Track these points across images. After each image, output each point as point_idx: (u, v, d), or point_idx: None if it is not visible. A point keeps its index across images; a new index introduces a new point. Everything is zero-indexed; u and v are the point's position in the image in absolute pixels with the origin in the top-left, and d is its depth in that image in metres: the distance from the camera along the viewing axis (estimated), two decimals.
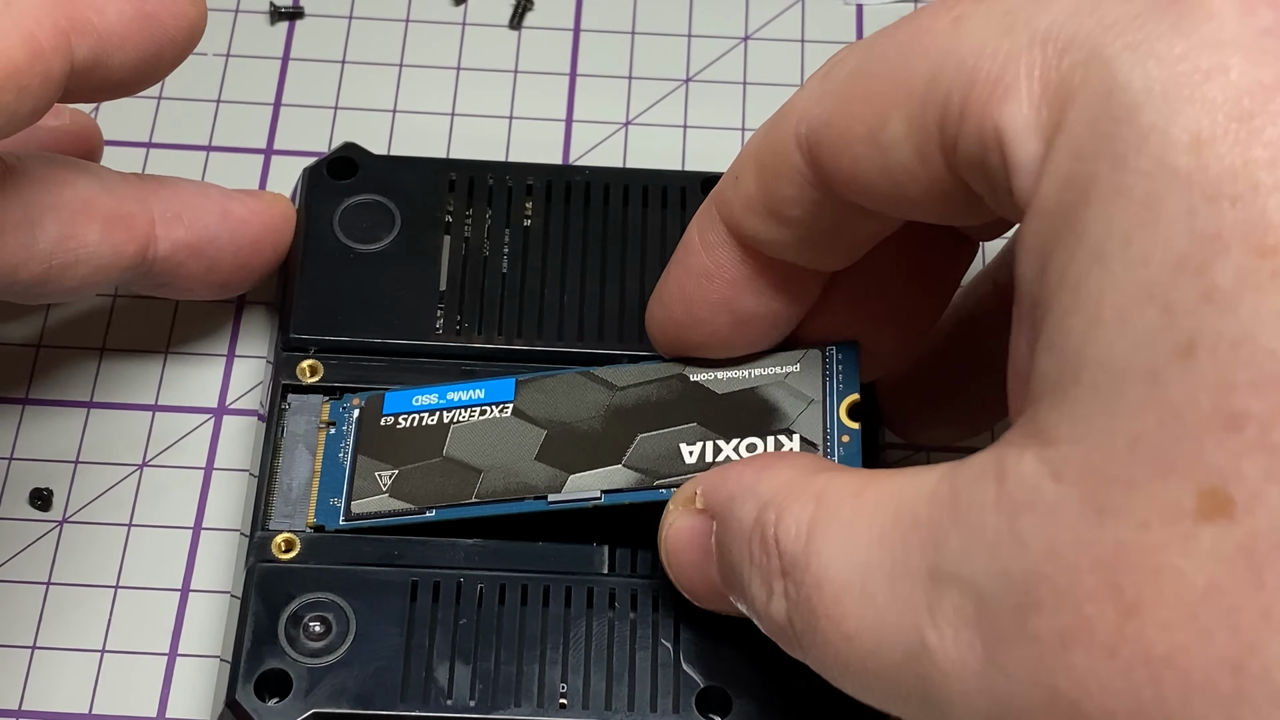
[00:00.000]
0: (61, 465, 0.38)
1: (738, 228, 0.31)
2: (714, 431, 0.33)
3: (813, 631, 0.27)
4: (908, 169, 0.27)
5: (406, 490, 0.34)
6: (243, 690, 0.32)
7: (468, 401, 0.35)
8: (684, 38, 0.45)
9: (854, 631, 0.26)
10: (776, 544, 0.27)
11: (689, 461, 0.33)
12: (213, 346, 0.39)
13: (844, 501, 0.27)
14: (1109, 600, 0.22)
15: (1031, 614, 0.23)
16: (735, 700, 0.32)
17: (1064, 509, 0.23)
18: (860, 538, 0.26)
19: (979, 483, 0.24)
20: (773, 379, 0.34)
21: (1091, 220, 0.23)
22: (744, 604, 0.29)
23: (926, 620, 0.24)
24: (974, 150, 0.25)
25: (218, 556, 0.37)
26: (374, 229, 0.38)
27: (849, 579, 0.26)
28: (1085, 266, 0.23)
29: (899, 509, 0.26)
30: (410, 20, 0.45)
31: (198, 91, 0.43)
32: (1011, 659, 0.23)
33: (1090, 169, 0.23)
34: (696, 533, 0.31)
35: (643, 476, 0.33)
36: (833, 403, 0.33)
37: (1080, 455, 0.23)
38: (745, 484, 0.29)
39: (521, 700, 0.32)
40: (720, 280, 0.32)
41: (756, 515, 0.28)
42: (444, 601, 0.33)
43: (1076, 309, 0.23)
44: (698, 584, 0.31)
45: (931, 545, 0.25)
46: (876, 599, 0.25)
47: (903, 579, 0.25)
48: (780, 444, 0.33)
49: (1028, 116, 0.24)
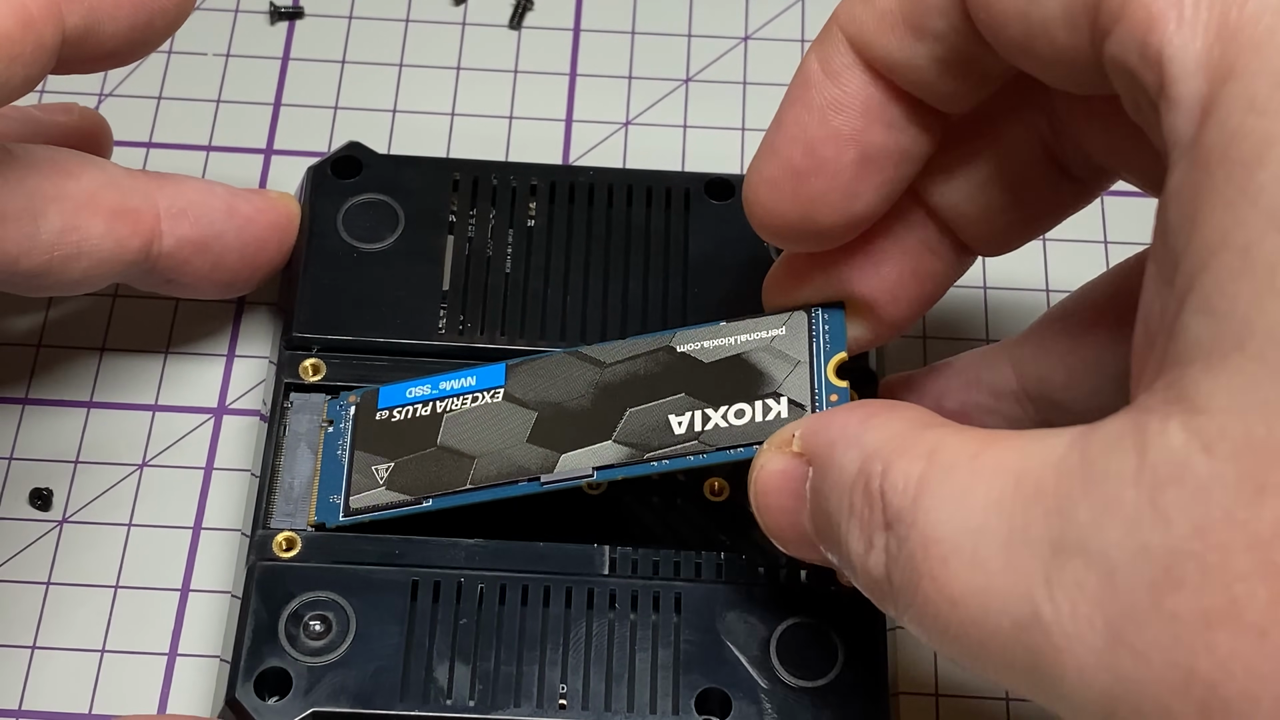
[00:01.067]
0: (61, 465, 0.38)
1: (869, 48, 0.29)
2: (702, 400, 0.33)
3: (913, 590, 0.26)
4: (1048, 27, 0.25)
5: (403, 481, 0.34)
6: (242, 688, 0.32)
7: (459, 390, 0.35)
8: (684, 38, 0.45)
9: (959, 595, 0.25)
10: (882, 496, 0.27)
11: (678, 432, 0.33)
12: (213, 346, 0.39)
13: (959, 462, 0.26)
14: (1262, 581, 0.21)
15: (1171, 592, 0.22)
16: (735, 701, 0.32)
17: (1217, 484, 0.22)
18: (976, 501, 0.25)
19: (1115, 452, 0.23)
20: (759, 343, 0.34)
21: (1270, 182, 0.22)
22: (836, 554, 0.28)
23: (1043, 592, 0.24)
24: (1128, 56, 0.24)
25: (218, 556, 0.37)
26: (378, 228, 0.38)
27: (959, 542, 0.25)
28: (1259, 231, 0.22)
29: (1021, 475, 0.25)
30: (410, 20, 0.45)
31: (198, 91, 0.43)
32: (1142, 637, 0.22)
33: (1271, 127, 0.22)
34: (791, 477, 0.30)
35: (633, 450, 0.33)
36: (820, 362, 0.33)
37: (1239, 428, 0.22)
38: (849, 431, 0.28)
39: (521, 700, 0.32)
40: (849, 109, 0.30)
41: (860, 465, 0.27)
42: (444, 601, 0.33)
43: (1246, 273, 0.22)
44: (786, 530, 0.30)
45: (1057, 515, 0.24)
46: (988, 565, 0.24)
47: (1020, 547, 0.24)
48: (768, 408, 0.33)
49: (1198, 51, 0.23)
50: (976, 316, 0.40)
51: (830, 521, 0.28)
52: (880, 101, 0.29)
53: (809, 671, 0.33)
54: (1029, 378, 0.34)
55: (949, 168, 0.31)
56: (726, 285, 0.37)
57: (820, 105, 0.30)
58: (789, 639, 0.33)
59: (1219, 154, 0.22)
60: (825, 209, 0.30)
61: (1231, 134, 0.22)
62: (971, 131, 0.31)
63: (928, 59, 0.29)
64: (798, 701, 0.32)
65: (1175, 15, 0.23)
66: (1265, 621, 0.21)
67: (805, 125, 0.30)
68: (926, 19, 0.28)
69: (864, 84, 0.29)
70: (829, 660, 0.33)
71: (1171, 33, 0.23)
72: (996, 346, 0.35)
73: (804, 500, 0.29)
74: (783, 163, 0.30)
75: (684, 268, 0.38)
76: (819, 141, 0.30)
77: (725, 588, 0.34)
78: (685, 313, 0.37)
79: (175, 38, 0.44)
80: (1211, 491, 0.22)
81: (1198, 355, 0.23)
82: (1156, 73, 0.23)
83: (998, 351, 0.35)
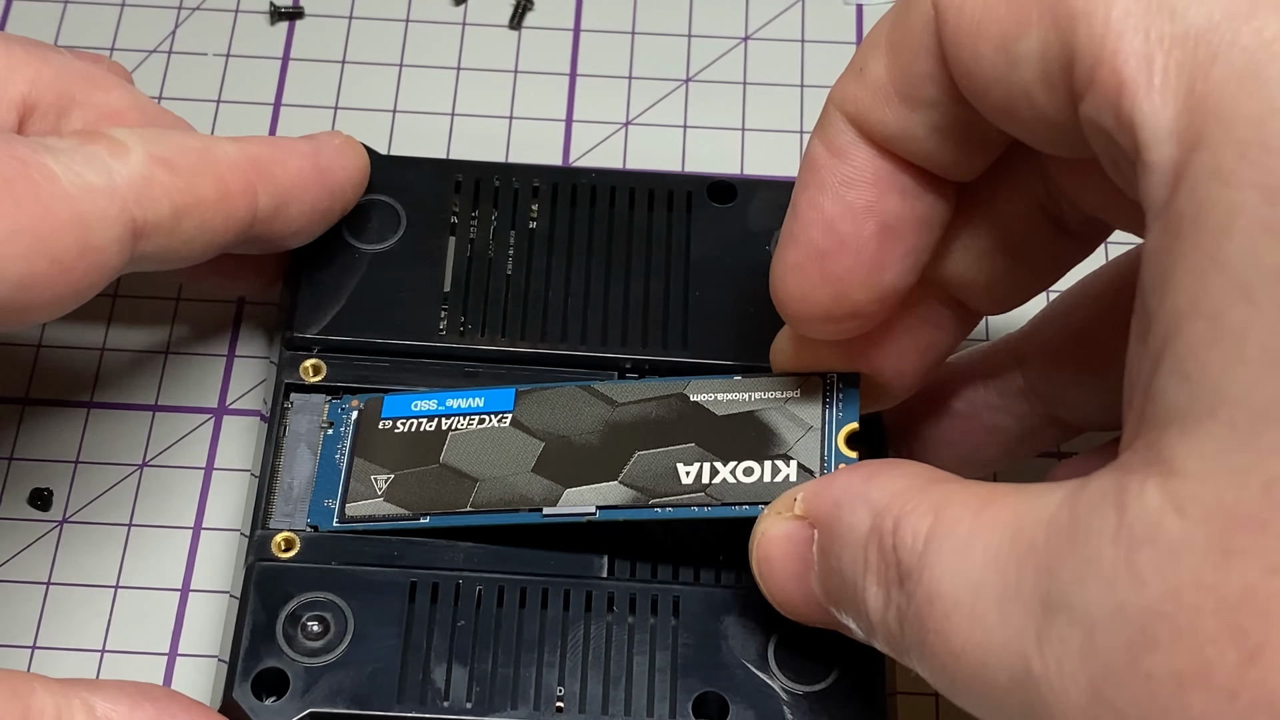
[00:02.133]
0: (61, 465, 0.38)
1: (866, 123, 0.29)
2: (711, 453, 0.33)
3: (921, 643, 0.26)
4: (1027, 90, 0.26)
5: (401, 495, 0.34)
6: (240, 688, 0.32)
7: (466, 410, 0.35)
8: (684, 38, 0.45)
9: (960, 649, 0.25)
10: (897, 553, 0.27)
11: (685, 482, 0.33)
12: (213, 346, 0.40)
13: (963, 518, 0.26)
14: (1231, 643, 0.22)
15: (1146, 652, 0.23)
16: (732, 705, 0.32)
17: (1188, 547, 0.22)
18: (975, 557, 0.26)
19: (1098, 511, 0.24)
20: (772, 403, 0.34)
21: (1236, 253, 0.22)
22: (850, 613, 0.29)
23: (1034, 648, 0.24)
24: (1102, 120, 0.24)
25: (217, 556, 0.37)
26: (380, 229, 0.38)
27: (960, 597, 0.26)
28: (1228, 300, 0.22)
29: (1017, 532, 0.25)
30: (410, 20, 0.45)
31: (198, 91, 0.43)
32: (1121, 696, 0.23)
33: (1236, 197, 0.22)
34: (795, 540, 0.30)
35: (638, 494, 0.33)
36: (831, 431, 0.33)
37: (1210, 493, 0.22)
38: (854, 490, 0.29)
39: (518, 703, 0.32)
40: (861, 183, 0.30)
41: (873, 522, 0.28)
42: (442, 603, 0.33)
43: (1216, 341, 0.22)
44: (793, 594, 0.30)
45: (1045, 573, 0.24)
46: (986, 620, 0.25)
47: (1014, 603, 0.25)
48: (777, 469, 0.33)
49: (1169, 119, 0.23)
50: None
51: (843, 581, 0.28)
52: (890, 172, 0.29)
53: (807, 676, 0.33)
54: (1035, 375, 0.35)
55: (949, 240, 0.31)
56: (728, 288, 0.37)
57: (832, 184, 0.30)
58: (787, 643, 0.33)
59: (1189, 221, 0.23)
60: (854, 285, 0.30)
61: (1200, 202, 0.23)
62: (968, 202, 0.31)
63: (925, 128, 0.29)
64: (795, 706, 0.32)
65: (1145, 81, 0.23)
66: (1234, 684, 0.22)
67: (821, 206, 0.30)
68: (917, 88, 0.28)
69: (870, 157, 0.29)
70: (827, 665, 0.33)
71: (1142, 99, 0.23)
72: (1000, 344, 0.36)
73: (810, 564, 0.30)
74: (804, 247, 0.30)
75: (685, 270, 0.38)
76: (837, 219, 0.30)
77: (724, 591, 0.34)
78: (686, 316, 0.37)
79: (175, 37, 0.44)
80: (1183, 554, 0.23)
81: (1174, 419, 0.23)
82: (1130, 137, 0.24)
83: (1002, 350, 0.35)
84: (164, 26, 0.45)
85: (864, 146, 0.29)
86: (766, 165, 0.43)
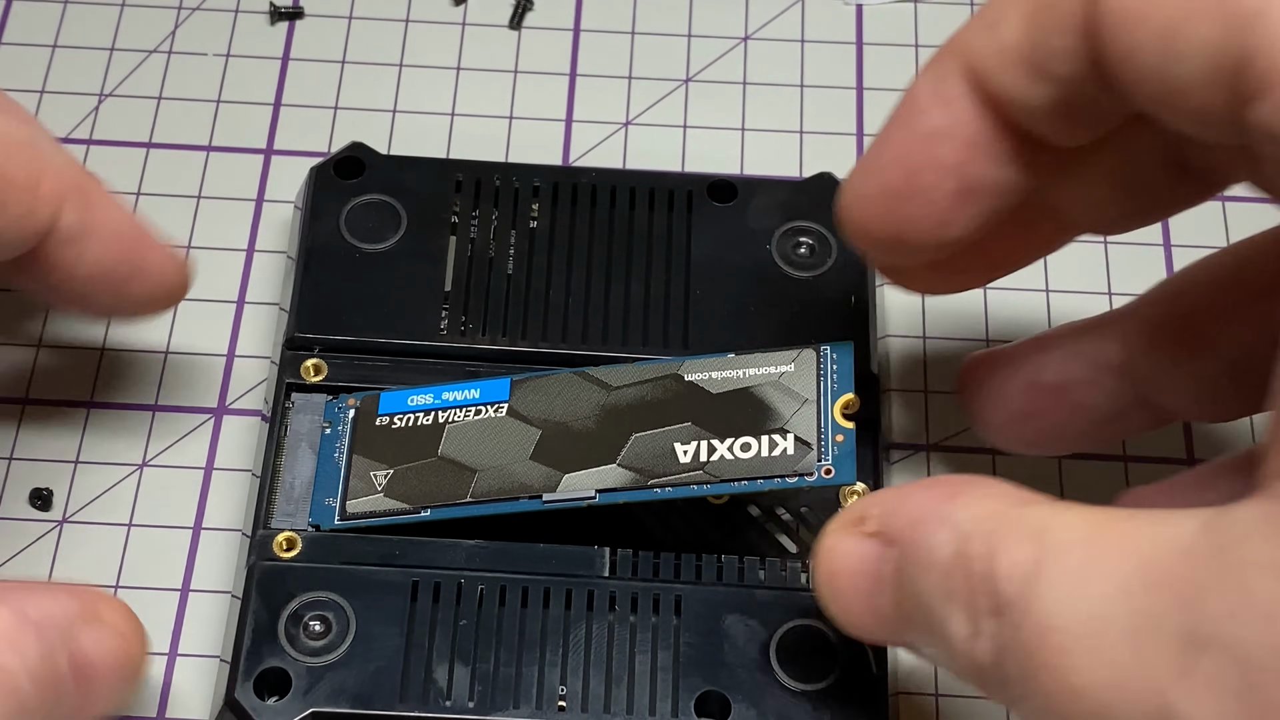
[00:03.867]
0: (61, 465, 0.38)
1: (985, 82, 0.28)
2: (708, 431, 0.34)
3: (1029, 680, 0.24)
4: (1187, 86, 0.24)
5: (401, 490, 0.34)
6: (242, 688, 0.32)
7: (463, 401, 0.35)
8: (684, 38, 0.45)
9: (1083, 687, 0.24)
10: (989, 581, 0.25)
11: (683, 461, 0.33)
12: (213, 346, 0.39)
13: (1074, 545, 0.25)
14: None
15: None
16: (734, 704, 0.32)
17: None
18: (1095, 588, 0.24)
19: (1251, 541, 0.22)
20: (767, 378, 0.34)
21: None
22: (928, 639, 0.27)
23: (1176, 685, 0.23)
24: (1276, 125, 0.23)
25: (218, 556, 0.37)
26: (380, 229, 0.38)
27: (1079, 631, 0.24)
28: None
29: (1147, 561, 0.24)
30: (410, 20, 0.45)
31: (198, 91, 0.43)
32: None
33: None
34: (867, 559, 0.28)
35: (637, 476, 0.33)
36: (827, 402, 0.33)
37: None
38: (934, 510, 0.27)
39: (520, 702, 0.32)
40: (955, 140, 0.28)
41: (957, 546, 0.26)
42: (444, 602, 0.33)
43: None
44: (863, 614, 0.29)
45: (1188, 605, 0.23)
46: (1114, 656, 0.23)
47: (1148, 638, 0.23)
48: (774, 443, 0.33)
49: None
50: (976, 316, 0.40)
51: (921, 605, 0.27)
52: (987, 134, 0.28)
53: (809, 674, 0.33)
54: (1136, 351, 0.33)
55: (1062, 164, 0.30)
56: (729, 287, 0.37)
57: (926, 131, 0.29)
58: (789, 642, 0.33)
59: None
60: (917, 233, 0.30)
61: None
62: None
63: (1046, 100, 0.28)
64: (797, 704, 0.32)
65: None
66: None
67: (909, 149, 0.29)
68: (1051, 63, 0.27)
69: (973, 115, 0.28)
70: (829, 664, 0.33)
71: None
72: (1103, 317, 0.34)
73: (883, 583, 0.28)
74: (881, 183, 0.30)
75: (686, 270, 0.38)
76: (920, 168, 0.29)
77: (725, 590, 0.34)
78: (687, 315, 0.37)
79: (176, 37, 0.44)
80: None
81: None
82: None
83: (1104, 323, 0.34)
84: (164, 26, 0.45)
85: (970, 101, 0.28)
86: (766, 165, 0.43)
